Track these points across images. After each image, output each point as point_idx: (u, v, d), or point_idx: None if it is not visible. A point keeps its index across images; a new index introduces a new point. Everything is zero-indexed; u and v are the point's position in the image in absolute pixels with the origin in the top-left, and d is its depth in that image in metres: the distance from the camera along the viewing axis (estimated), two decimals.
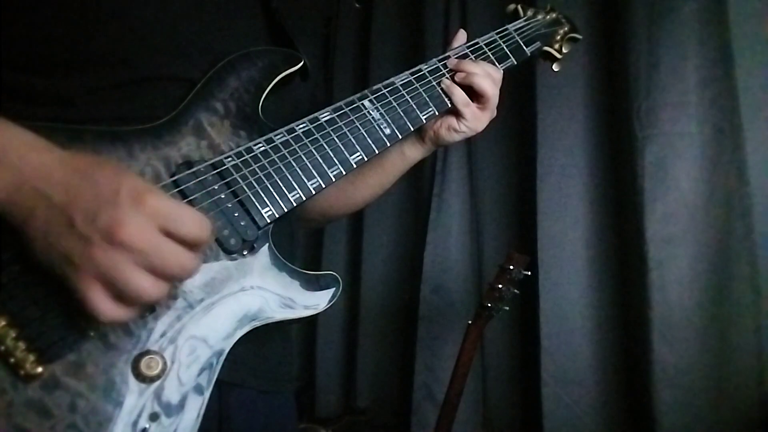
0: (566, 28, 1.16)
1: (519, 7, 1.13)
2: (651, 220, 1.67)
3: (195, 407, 0.67)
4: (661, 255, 1.66)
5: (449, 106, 0.96)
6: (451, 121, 1.00)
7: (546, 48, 1.12)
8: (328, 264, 2.57)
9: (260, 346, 0.77)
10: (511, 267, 1.65)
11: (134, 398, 0.64)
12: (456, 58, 0.99)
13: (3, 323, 0.60)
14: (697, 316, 1.64)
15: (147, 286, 0.57)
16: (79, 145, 0.66)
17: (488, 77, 0.97)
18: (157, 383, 0.65)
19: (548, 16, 1.14)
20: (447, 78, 0.96)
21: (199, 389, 0.68)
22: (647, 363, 1.66)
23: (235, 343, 0.72)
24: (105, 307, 0.57)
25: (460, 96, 0.96)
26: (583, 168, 1.92)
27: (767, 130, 1.62)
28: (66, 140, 0.64)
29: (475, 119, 0.99)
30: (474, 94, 0.98)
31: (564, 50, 1.15)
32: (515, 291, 1.67)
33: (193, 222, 0.60)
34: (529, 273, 1.70)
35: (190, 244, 0.60)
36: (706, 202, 1.65)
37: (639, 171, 1.69)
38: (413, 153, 1.04)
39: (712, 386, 1.61)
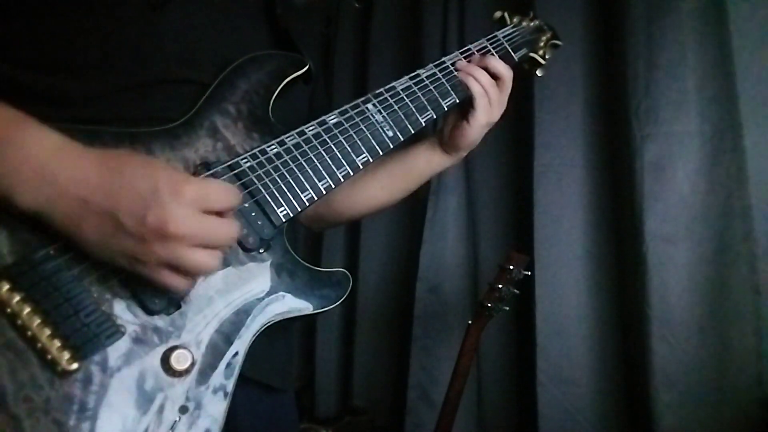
0: (548, 35, 1.22)
1: (506, 14, 1.18)
2: (650, 220, 1.67)
3: (222, 399, 0.71)
4: (660, 254, 1.66)
5: (445, 109, 1.00)
6: (460, 120, 1.04)
7: (531, 54, 1.17)
8: (327, 264, 2.57)
9: (267, 342, 0.80)
10: (511, 267, 1.65)
11: (164, 392, 0.67)
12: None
13: (38, 321, 0.62)
14: (697, 316, 1.63)
15: (205, 259, 0.65)
16: (98, 145, 0.68)
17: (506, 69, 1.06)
18: (186, 377, 0.69)
19: (532, 24, 1.20)
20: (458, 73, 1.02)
21: (224, 383, 0.71)
22: (646, 363, 1.66)
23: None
24: (177, 283, 0.65)
25: (478, 87, 1.02)
26: (581, 167, 1.92)
27: (767, 130, 1.62)
28: (85, 141, 0.66)
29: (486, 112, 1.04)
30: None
31: (547, 56, 1.20)
32: (515, 291, 1.67)
33: (225, 194, 0.68)
34: (529, 273, 1.70)
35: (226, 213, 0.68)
36: (706, 201, 1.64)
37: (638, 170, 1.69)
38: (439, 161, 1.10)
39: (712, 386, 1.61)
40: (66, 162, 0.62)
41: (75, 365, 0.63)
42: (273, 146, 0.81)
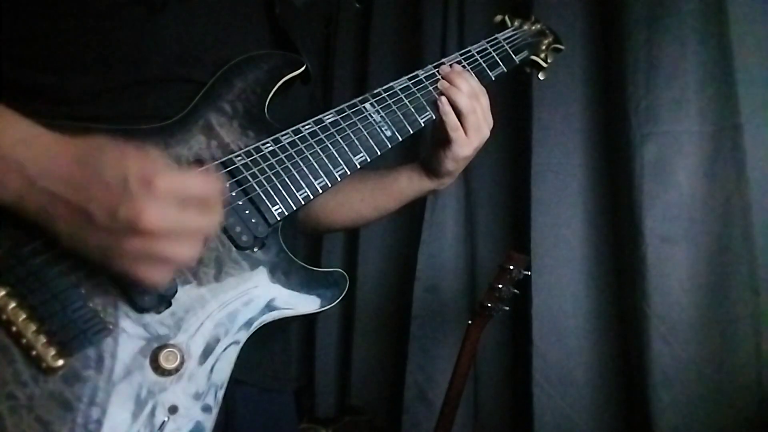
0: (550, 39, 1.21)
1: (506, 17, 1.17)
2: (650, 219, 1.66)
3: (212, 400, 0.69)
4: (659, 254, 1.65)
5: None
6: (438, 149, 1.00)
7: (533, 57, 1.17)
8: (326, 263, 2.57)
9: (264, 344, 0.79)
10: (511, 267, 1.64)
11: (153, 391, 0.66)
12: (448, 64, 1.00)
13: (23, 317, 0.61)
14: (697, 316, 1.63)
15: (183, 251, 0.62)
16: None
17: (469, 96, 0.96)
18: (175, 376, 0.67)
19: (533, 27, 1.19)
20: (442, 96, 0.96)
21: (215, 383, 0.70)
22: (645, 363, 1.65)
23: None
24: (152, 276, 0.62)
25: (452, 117, 0.96)
26: (579, 166, 1.91)
27: (767, 130, 1.62)
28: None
29: (462, 144, 0.97)
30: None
31: (549, 60, 1.19)
32: (515, 291, 1.67)
33: (202, 184, 0.63)
34: (529, 273, 1.70)
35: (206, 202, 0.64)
36: (706, 201, 1.64)
37: (637, 169, 1.68)
38: (420, 182, 1.06)
39: (711, 386, 1.60)
40: (33, 152, 0.60)
41: (60, 362, 0.62)
42: (268, 144, 0.80)
